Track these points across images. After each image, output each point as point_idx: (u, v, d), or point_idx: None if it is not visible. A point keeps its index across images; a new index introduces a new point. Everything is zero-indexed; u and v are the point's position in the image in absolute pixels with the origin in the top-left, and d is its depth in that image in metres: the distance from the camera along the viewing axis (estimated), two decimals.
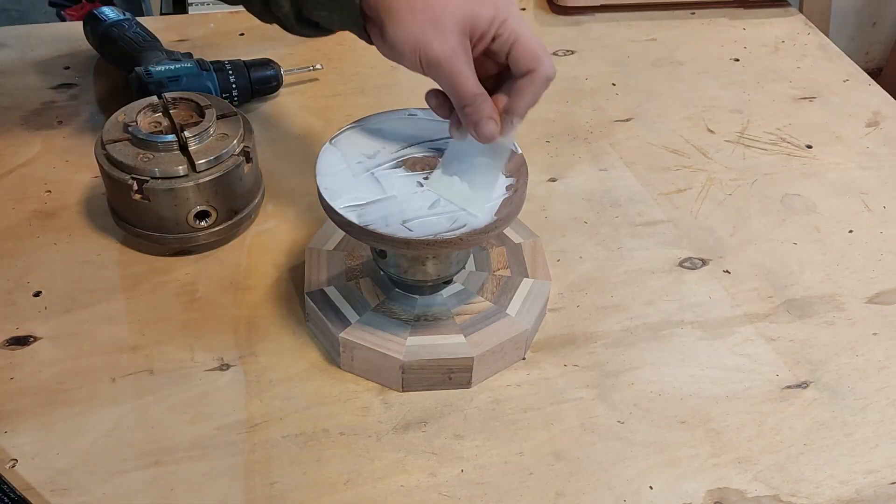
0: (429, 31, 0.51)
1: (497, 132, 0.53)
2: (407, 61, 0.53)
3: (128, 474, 0.54)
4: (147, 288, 0.66)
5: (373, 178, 0.56)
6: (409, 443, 0.56)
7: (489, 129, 0.52)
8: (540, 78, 0.52)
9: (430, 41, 0.51)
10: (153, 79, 0.77)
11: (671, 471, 0.56)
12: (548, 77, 0.52)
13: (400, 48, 0.52)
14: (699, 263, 0.71)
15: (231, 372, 0.60)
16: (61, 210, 0.72)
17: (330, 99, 0.87)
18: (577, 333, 0.64)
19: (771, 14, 1.06)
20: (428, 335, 0.59)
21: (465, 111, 0.52)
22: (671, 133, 0.86)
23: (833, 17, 1.70)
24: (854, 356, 0.64)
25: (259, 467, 0.54)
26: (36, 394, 0.58)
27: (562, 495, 0.54)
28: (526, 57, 0.52)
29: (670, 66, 0.96)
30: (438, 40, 0.50)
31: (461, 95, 0.52)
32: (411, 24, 0.51)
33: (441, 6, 0.51)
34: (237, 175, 0.66)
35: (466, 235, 0.52)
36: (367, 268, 0.64)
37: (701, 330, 0.65)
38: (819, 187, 0.80)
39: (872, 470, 0.56)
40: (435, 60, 0.51)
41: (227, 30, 0.97)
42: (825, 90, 0.93)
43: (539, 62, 0.52)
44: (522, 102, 0.53)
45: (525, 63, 0.52)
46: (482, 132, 0.52)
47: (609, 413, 0.59)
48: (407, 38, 0.51)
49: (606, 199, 0.77)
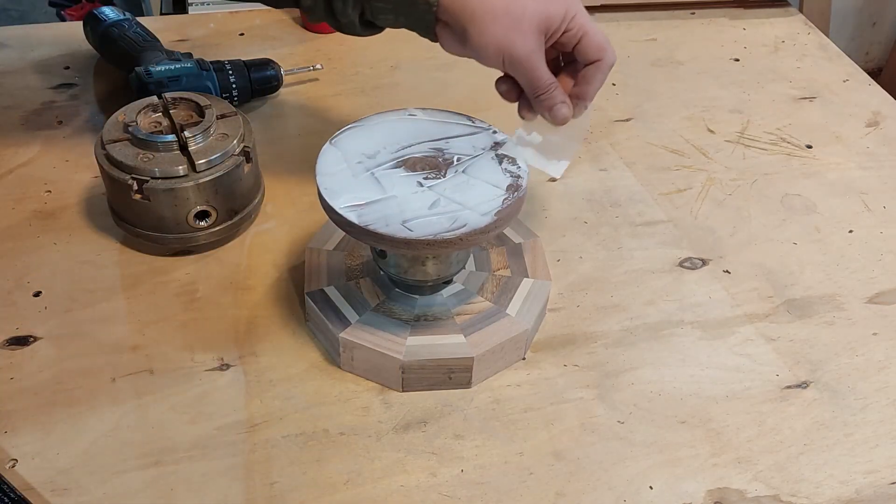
0: (511, 34, 0.56)
1: (570, 114, 0.59)
2: (489, 61, 0.58)
3: (128, 474, 0.54)
4: (147, 288, 0.66)
5: (373, 178, 0.56)
6: (409, 443, 0.56)
7: (563, 112, 0.58)
8: (606, 65, 0.59)
9: (514, 44, 0.56)
10: (153, 79, 0.77)
11: (671, 471, 0.56)
12: (611, 64, 0.59)
13: (485, 51, 0.57)
14: (699, 263, 0.71)
15: (231, 372, 0.60)
16: (61, 210, 0.72)
17: (330, 99, 0.87)
18: (577, 333, 0.64)
19: (771, 14, 1.06)
20: (428, 335, 0.59)
21: (541, 98, 0.58)
22: (671, 133, 0.86)
23: (833, 17, 1.70)
24: (854, 356, 0.64)
25: (259, 467, 0.54)
26: (36, 394, 0.58)
27: (562, 495, 0.54)
28: (593, 48, 0.58)
29: (670, 66, 0.96)
30: (520, 42, 0.56)
31: (538, 86, 0.58)
32: (494, 29, 0.56)
33: (520, 10, 0.56)
34: (237, 175, 0.66)
35: (466, 235, 0.52)
36: (367, 268, 0.64)
37: (701, 330, 0.65)
38: (819, 187, 0.80)
39: (872, 470, 0.56)
40: (518, 60, 0.57)
41: (227, 30, 0.97)
42: (825, 90, 0.93)
43: (605, 52, 0.58)
44: (592, 88, 0.59)
45: (593, 54, 0.58)
46: (557, 115, 0.58)
47: (609, 413, 0.59)
48: (491, 41, 0.56)
49: (606, 199, 0.77)
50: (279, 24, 0.98)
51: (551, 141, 0.61)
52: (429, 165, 0.57)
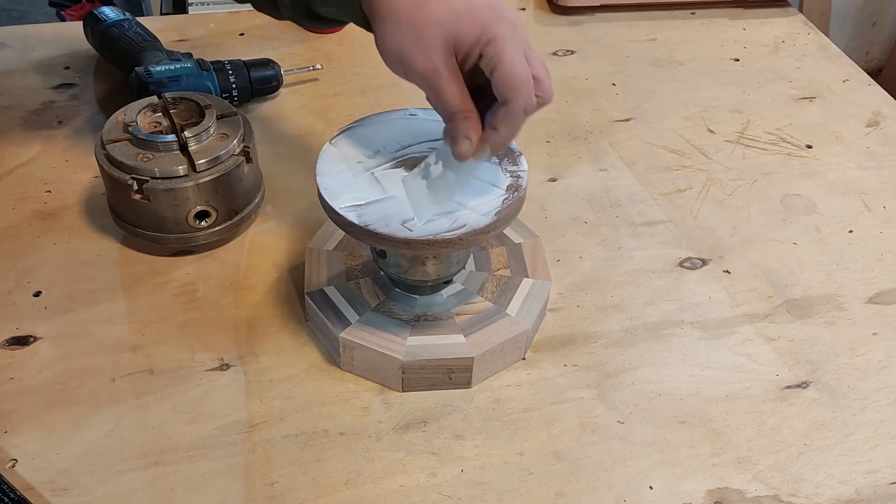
0: (412, 45, 0.50)
1: (469, 152, 0.51)
2: (394, 71, 0.52)
3: (128, 474, 0.54)
4: (147, 288, 0.66)
5: (373, 178, 0.56)
6: (409, 443, 0.56)
7: (462, 148, 0.51)
8: (515, 110, 0.49)
9: (414, 56, 0.50)
10: (153, 79, 0.77)
11: (671, 471, 0.56)
12: (525, 109, 0.49)
13: (386, 58, 0.52)
14: (699, 263, 0.71)
15: (231, 372, 0.60)
16: (61, 210, 0.72)
17: (330, 99, 0.87)
18: (577, 333, 0.64)
19: (771, 14, 1.06)
20: (428, 335, 0.59)
21: (448, 126, 0.52)
22: (671, 133, 0.86)
23: (833, 17, 1.70)
24: (854, 356, 0.64)
25: (259, 467, 0.54)
26: (36, 394, 0.58)
27: (562, 495, 0.54)
28: (503, 85, 0.49)
29: (670, 66, 0.96)
30: (421, 56, 0.49)
31: (443, 111, 0.51)
32: (396, 36, 0.50)
33: (425, 21, 0.49)
34: (237, 175, 0.66)
35: (466, 235, 0.52)
36: (367, 268, 0.64)
37: (701, 330, 0.65)
38: (819, 187, 0.80)
39: (872, 470, 0.56)
40: (418, 75, 0.50)
41: (227, 30, 0.97)
42: (825, 90, 0.93)
43: (515, 92, 0.48)
44: (498, 135, 0.51)
45: (502, 92, 0.49)
46: (456, 149, 0.51)
47: (609, 413, 0.59)
48: (392, 49, 0.51)
49: (606, 199, 0.77)
50: (279, 24, 0.98)
51: (445, 178, 0.53)
52: None
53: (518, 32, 0.49)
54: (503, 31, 0.48)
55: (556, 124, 0.86)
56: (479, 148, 0.51)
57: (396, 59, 0.51)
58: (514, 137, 0.51)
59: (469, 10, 0.49)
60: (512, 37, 0.49)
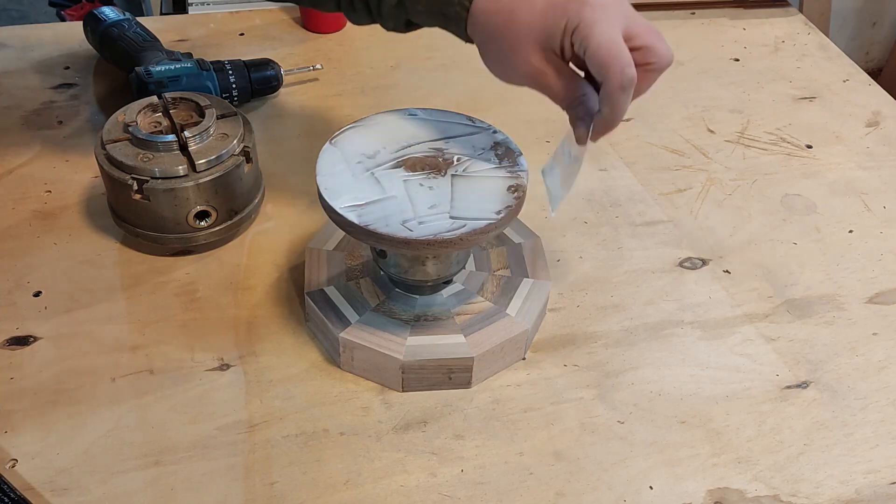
0: (512, 56, 0.52)
1: (586, 136, 0.53)
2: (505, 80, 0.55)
3: (128, 474, 0.54)
4: (147, 288, 0.66)
5: (373, 178, 0.56)
6: (409, 443, 0.56)
7: (577, 133, 0.53)
8: (610, 88, 0.49)
9: (516, 65, 0.52)
10: (153, 79, 0.77)
11: (671, 471, 0.56)
12: (622, 85, 0.49)
13: (494, 71, 0.55)
14: (699, 263, 0.71)
15: (231, 372, 0.60)
16: (61, 210, 0.72)
17: (330, 99, 0.87)
18: (577, 333, 0.64)
19: (771, 14, 1.06)
20: (428, 335, 0.59)
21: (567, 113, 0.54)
22: (671, 133, 0.86)
23: (833, 17, 1.70)
24: (854, 356, 0.64)
25: (259, 467, 0.54)
26: (36, 394, 0.58)
27: (562, 495, 0.54)
28: (595, 67, 0.50)
29: (670, 66, 0.96)
30: (522, 63, 0.52)
31: (556, 102, 0.53)
32: (496, 51, 0.53)
33: (517, 31, 0.51)
34: (237, 175, 0.66)
35: (466, 235, 0.52)
36: (367, 268, 0.64)
37: (701, 330, 0.65)
38: (819, 187, 0.80)
39: (872, 470, 0.56)
40: (525, 79, 0.53)
41: (227, 30, 0.97)
42: (825, 90, 0.93)
43: (607, 71, 0.49)
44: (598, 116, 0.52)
45: (596, 73, 0.50)
46: (574, 134, 0.54)
47: (609, 413, 0.59)
48: (496, 62, 0.54)
49: (606, 199, 0.77)
50: (279, 24, 0.98)
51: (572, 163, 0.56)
52: (429, 165, 0.57)
53: (607, 10, 0.50)
54: (587, 15, 0.49)
55: (556, 124, 0.85)
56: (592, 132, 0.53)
57: (502, 70, 0.54)
58: (623, 114, 0.51)
59: (551, 6, 0.51)
60: (598, 17, 0.49)
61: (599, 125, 0.52)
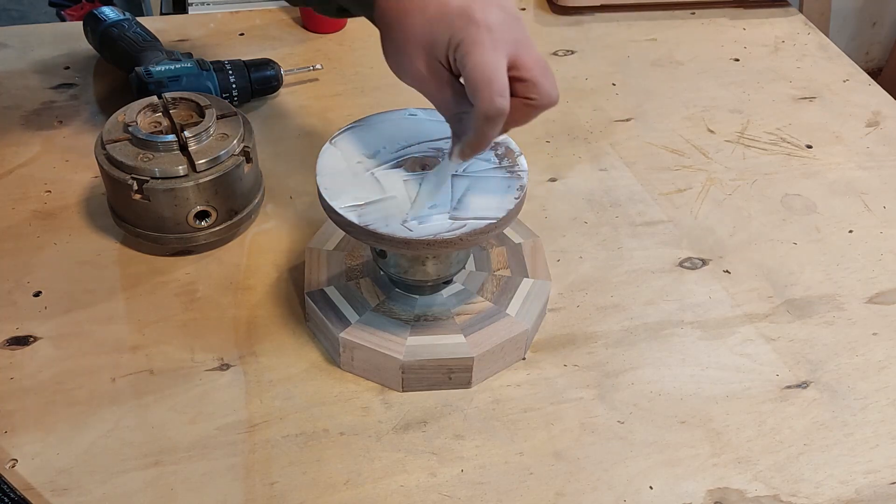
0: (401, 56, 0.51)
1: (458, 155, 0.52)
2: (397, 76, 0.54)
3: (128, 474, 0.54)
4: (147, 288, 0.66)
5: (373, 178, 0.56)
6: (409, 443, 0.56)
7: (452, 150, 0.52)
8: (478, 114, 0.47)
9: (403, 66, 0.51)
10: (153, 79, 0.77)
11: (671, 471, 0.56)
12: (486, 115, 0.47)
13: (391, 68, 0.54)
14: (699, 263, 0.71)
15: (231, 372, 0.60)
16: (61, 210, 0.72)
17: (330, 99, 0.87)
18: (577, 333, 0.64)
19: (771, 14, 1.06)
20: (428, 335, 0.59)
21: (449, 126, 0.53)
22: (671, 133, 0.86)
23: (833, 17, 1.70)
24: (854, 356, 0.64)
25: (259, 467, 0.54)
26: (36, 394, 0.58)
27: (562, 495, 0.54)
28: (468, 89, 0.48)
29: (670, 66, 0.96)
30: (408, 65, 0.51)
31: (440, 112, 0.53)
32: (390, 47, 0.52)
33: (407, 33, 0.50)
34: (237, 175, 0.66)
35: (466, 235, 0.52)
36: (367, 268, 0.64)
37: (701, 330, 0.65)
38: (819, 187, 0.80)
39: (872, 470, 0.56)
40: (411, 82, 0.52)
41: (227, 30, 0.97)
42: (825, 90, 0.93)
43: (474, 96, 0.47)
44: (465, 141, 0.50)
45: (469, 95, 0.48)
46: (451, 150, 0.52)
47: (609, 413, 0.59)
48: (389, 58, 0.53)
49: (606, 199, 0.77)
50: (279, 24, 0.98)
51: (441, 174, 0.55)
52: (429, 165, 0.57)
53: (493, 33, 0.47)
54: (470, 34, 0.47)
55: (556, 124, 0.86)
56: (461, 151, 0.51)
57: (394, 66, 0.53)
58: (490, 141, 0.49)
59: (441, 16, 0.48)
60: (481, 39, 0.47)
61: (465, 146, 0.50)
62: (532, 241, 0.67)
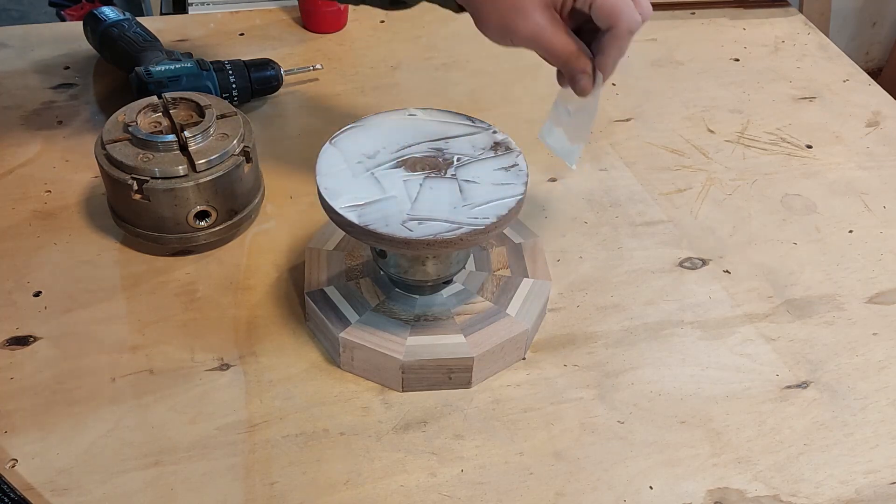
0: (511, 16, 0.55)
1: (589, 86, 0.56)
2: (500, 43, 0.57)
3: (128, 474, 0.54)
4: (147, 288, 0.66)
5: (373, 178, 0.56)
6: (409, 443, 0.56)
7: (581, 84, 0.56)
8: (621, 33, 0.54)
9: (515, 25, 0.55)
10: (153, 79, 0.77)
11: (671, 471, 0.56)
12: (630, 30, 0.54)
13: (491, 35, 0.57)
14: (699, 263, 0.71)
15: (231, 372, 0.60)
16: (61, 210, 0.72)
17: (330, 99, 0.87)
18: (577, 333, 0.64)
19: (771, 14, 1.06)
20: (428, 335, 0.59)
21: (565, 69, 0.56)
22: (671, 133, 0.86)
23: (833, 17, 1.70)
24: (854, 356, 0.64)
25: (259, 467, 0.54)
26: (36, 394, 0.58)
27: (562, 495, 0.54)
28: (604, 14, 0.53)
29: (670, 66, 0.96)
30: (522, 23, 0.54)
31: (556, 58, 0.56)
32: (496, 12, 0.55)
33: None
34: (237, 175, 0.66)
35: (466, 235, 0.52)
36: (367, 268, 0.64)
37: (701, 330, 0.65)
38: (819, 187, 0.80)
39: (872, 470, 0.56)
40: (523, 41, 0.55)
41: (227, 30, 0.97)
42: (825, 90, 0.93)
43: (617, 17, 0.53)
44: (606, 59, 0.55)
45: (604, 20, 0.54)
46: (577, 87, 0.56)
47: (609, 413, 0.59)
48: (493, 25, 0.56)
49: (606, 199, 0.77)
50: (279, 24, 0.98)
51: (576, 118, 0.60)
52: (429, 165, 0.57)
53: None
54: None
55: None
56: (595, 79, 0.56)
57: (501, 32, 0.56)
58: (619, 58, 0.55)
59: None
60: None
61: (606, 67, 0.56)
62: (532, 241, 0.67)
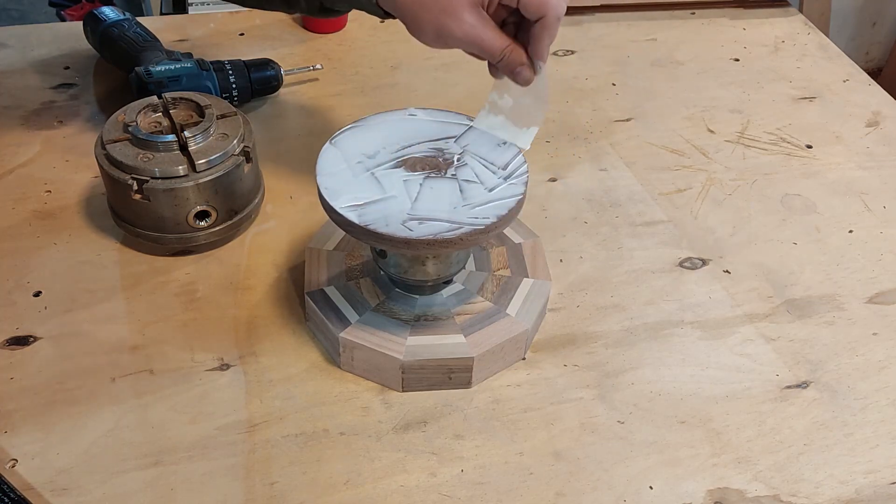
0: (444, 20, 0.56)
1: (532, 76, 0.58)
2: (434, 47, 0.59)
3: (128, 474, 0.54)
4: (147, 288, 0.66)
5: (373, 178, 0.56)
6: (409, 443, 0.56)
7: (524, 75, 0.58)
8: (551, 21, 0.56)
9: (450, 28, 0.56)
10: (153, 79, 0.77)
11: (671, 471, 0.56)
12: (557, 17, 0.56)
13: (424, 38, 0.58)
14: (699, 263, 0.71)
15: (231, 372, 0.60)
16: (61, 210, 0.72)
17: (330, 99, 0.87)
18: (577, 333, 0.64)
19: (771, 14, 1.06)
20: (428, 335, 0.59)
21: (500, 65, 0.58)
22: (671, 133, 0.86)
23: (833, 17, 1.70)
24: (854, 356, 0.64)
25: (259, 467, 0.54)
26: (36, 394, 0.58)
27: (562, 495, 0.54)
28: (533, 5, 0.55)
29: (670, 66, 0.96)
30: (455, 25, 0.56)
31: (493, 54, 0.57)
32: (427, 18, 0.56)
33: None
34: (237, 175, 0.66)
35: (466, 235, 0.52)
36: (367, 268, 0.64)
37: (701, 330, 0.65)
38: (819, 187, 0.80)
39: (872, 470, 0.56)
40: (459, 42, 0.57)
41: (227, 30, 0.97)
42: (825, 90, 0.93)
43: (546, 7, 0.55)
44: (540, 46, 0.57)
45: (534, 11, 0.56)
46: (519, 79, 0.58)
47: (609, 413, 0.59)
48: (427, 30, 0.57)
49: (606, 199, 0.77)
50: (279, 24, 0.98)
51: (521, 104, 0.60)
52: (429, 165, 0.57)
53: None
54: None
55: (556, 124, 0.86)
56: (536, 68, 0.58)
57: (435, 36, 0.57)
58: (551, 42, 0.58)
59: None
60: None
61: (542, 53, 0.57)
62: (532, 241, 0.67)
